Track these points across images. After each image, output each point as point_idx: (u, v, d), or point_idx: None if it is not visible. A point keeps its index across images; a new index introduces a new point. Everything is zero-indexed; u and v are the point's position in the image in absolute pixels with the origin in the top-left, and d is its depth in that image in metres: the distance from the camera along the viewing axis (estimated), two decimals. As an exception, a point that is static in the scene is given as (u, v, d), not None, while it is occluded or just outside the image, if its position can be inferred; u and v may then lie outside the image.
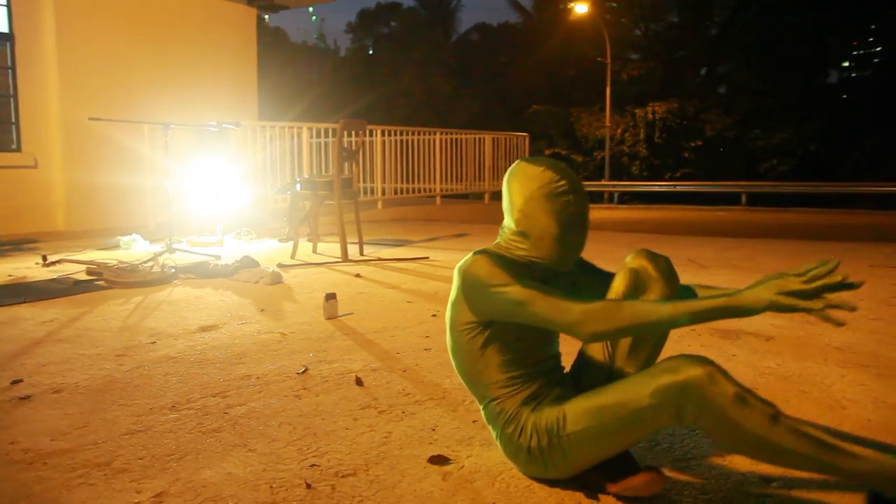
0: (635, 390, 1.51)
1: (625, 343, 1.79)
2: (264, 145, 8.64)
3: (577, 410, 1.59)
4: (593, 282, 1.88)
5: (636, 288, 1.76)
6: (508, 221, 1.77)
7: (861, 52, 35.36)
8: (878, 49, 34.21)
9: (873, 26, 32.63)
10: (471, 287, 1.66)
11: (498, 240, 1.80)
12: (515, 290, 1.58)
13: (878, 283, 4.61)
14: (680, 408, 1.45)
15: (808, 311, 1.40)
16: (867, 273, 4.94)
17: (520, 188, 1.72)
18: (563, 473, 1.67)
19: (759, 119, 28.37)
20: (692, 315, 1.47)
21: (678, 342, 3.06)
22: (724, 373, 1.45)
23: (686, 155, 28.87)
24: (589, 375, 1.80)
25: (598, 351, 1.82)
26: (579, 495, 1.67)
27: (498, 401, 1.71)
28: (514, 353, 1.71)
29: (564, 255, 1.72)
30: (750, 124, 28.52)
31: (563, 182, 1.69)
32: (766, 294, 1.43)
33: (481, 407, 1.78)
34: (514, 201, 1.74)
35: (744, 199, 20.21)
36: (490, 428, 1.78)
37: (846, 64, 35.58)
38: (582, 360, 1.87)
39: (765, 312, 1.44)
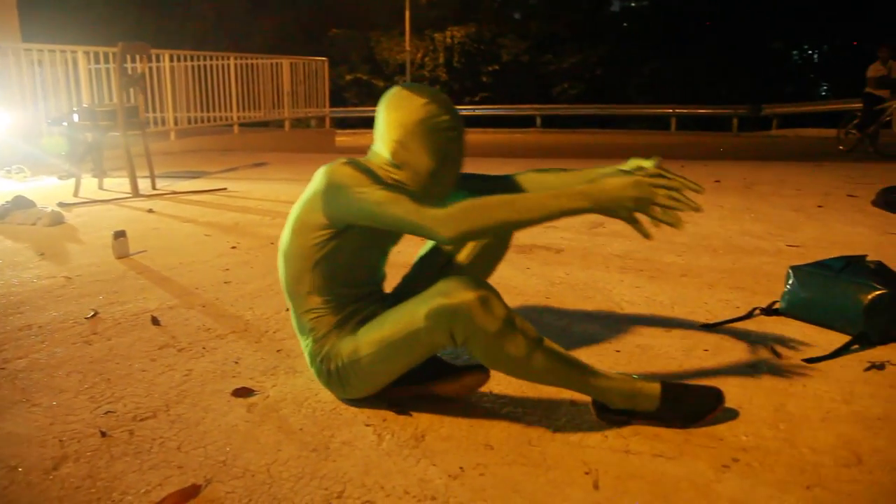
0: (413, 312, 1.55)
1: (459, 258, 1.88)
2: (32, 71, 7.74)
3: (368, 335, 1.62)
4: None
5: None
6: (381, 149, 1.67)
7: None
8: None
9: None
10: (332, 188, 1.57)
11: (367, 157, 1.72)
12: (377, 191, 1.51)
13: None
14: (451, 330, 1.50)
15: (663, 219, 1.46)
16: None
17: (399, 119, 1.62)
18: (361, 394, 1.72)
19: (551, 44, 29.64)
20: (562, 209, 1.47)
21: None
22: (496, 296, 1.51)
23: (484, 79, 29.64)
24: (416, 289, 1.81)
25: (429, 265, 1.90)
26: (384, 412, 1.72)
27: (312, 316, 1.70)
28: (346, 273, 1.68)
29: (439, 189, 1.67)
30: (543, 49, 29.73)
31: (446, 117, 1.62)
32: (627, 192, 1.45)
33: (294, 316, 1.75)
34: (391, 131, 1.63)
35: (538, 121, 21.20)
36: (299, 338, 1.77)
37: (627, -6, 37.87)
38: (412, 273, 1.93)
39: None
